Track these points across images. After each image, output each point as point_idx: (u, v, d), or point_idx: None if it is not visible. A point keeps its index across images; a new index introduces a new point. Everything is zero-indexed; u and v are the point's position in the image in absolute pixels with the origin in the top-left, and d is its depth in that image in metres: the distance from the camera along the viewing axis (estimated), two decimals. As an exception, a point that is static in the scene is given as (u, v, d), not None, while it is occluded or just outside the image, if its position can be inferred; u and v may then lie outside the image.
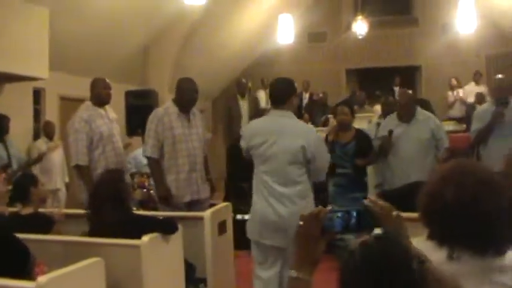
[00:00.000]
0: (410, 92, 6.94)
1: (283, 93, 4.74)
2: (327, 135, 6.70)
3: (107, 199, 4.43)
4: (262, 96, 13.88)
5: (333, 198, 6.51)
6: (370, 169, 7.01)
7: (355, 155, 6.45)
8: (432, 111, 7.48)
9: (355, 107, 12.16)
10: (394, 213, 1.91)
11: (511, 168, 3.81)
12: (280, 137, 4.60)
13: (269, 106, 5.16)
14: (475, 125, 6.71)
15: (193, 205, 5.95)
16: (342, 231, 1.94)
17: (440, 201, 2.16)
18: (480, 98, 12.46)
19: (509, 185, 2.27)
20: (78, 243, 4.33)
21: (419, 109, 6.59)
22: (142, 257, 4.17)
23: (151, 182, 6.77)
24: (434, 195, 2.19)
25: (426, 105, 8.74)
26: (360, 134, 6.67)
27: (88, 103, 6.21)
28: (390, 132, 6.33)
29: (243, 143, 4.85)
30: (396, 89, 14.52)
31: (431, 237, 2.18)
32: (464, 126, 11.37)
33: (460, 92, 13.92)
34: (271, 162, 4.63)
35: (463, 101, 13.77)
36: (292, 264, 2.04)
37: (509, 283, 2.11)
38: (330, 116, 12.14)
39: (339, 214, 1.94)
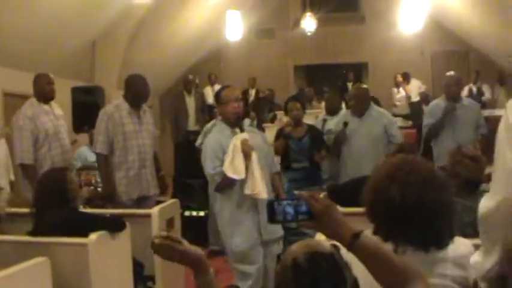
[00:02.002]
0: (365, 86, 7.03)
1: None
2: (279, 131, 6.75)
3: (51, 198, 4.37)
4: (209, 93, 13.88)
5: (289, 193, 6.55)
6: (324, 163, 7.09)
7: (310, 149, 6.49)
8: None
9: (304, 103, 12.31)
10: (325, 203, 1.89)
11: (456, 163, 3.90)
12: None
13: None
14: (427, 120, 6.89)
15: (142, 202, 5.92)
16: (294, 219, 1.91)
17: (384, 198, 2.20)
18: (424, 96, 12.73)
19: (452, 180, 2.33)
20: (23, 242, 4.25)
21: (373, 105, 6.68)
22: (90, 256, 4.12)
23: (99, 179, 6.70)
24: (379, 192, 2.23)
25: (375, 103, 8.88)
26: (313, 129, 6.75)
27: (32, 100, 6.11)
28: (345, 124, 6.41)
29: None
30: (350, 84, 14.69)
31: (376, 232, 2.22)
32: (410, 122, 11.58)
33: (402, 91, 14.14)
34: None
35: (407, 98, 14.00)
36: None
37: (450, 273, 2.20)
38: (278, 112, 12.22)
39: (289, 201, 1.92)
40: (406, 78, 14.31)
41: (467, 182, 3.76)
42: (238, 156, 4.63)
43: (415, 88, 14.11)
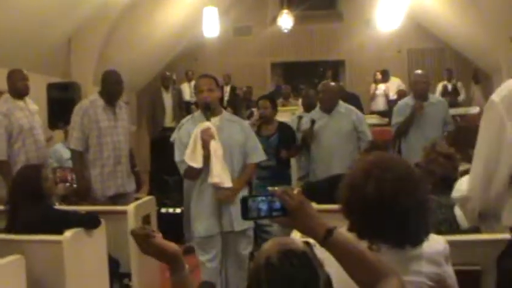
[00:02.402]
0: (332, 83, 7.07)
1: None
2: None
3: (26, 195, 4.35)
4: (187, 89, 13.85)
5: (256, 191, 6.55)
6: (293, 161, 7.10)
7: (278, 147, 6.50)
8: (360, 106, 7.64)
9: (280, 100, 12.33)
10: (298, 199, 1.90)
11: (430, 161, 3.93)
12: None
13: (193, 99, 5.21)
14: (396, 119, 6.99)
15: (117, 199, 5.89)
16: (268, 215, 1.90)
17: (360, 195, 2.21)
18: (402, 93, 12.76)
19: (426, 177, 2.36)
20: (-3, 239, 4.22)
21: (341, 102, 6.71)
22: (65, 253, 4.11)
23: (74, 176, 6.67)
24: (355, 189, 2.24)
25: (356, 100, 8.93)
26: (283, 127, 6.74)
27: (7, 96, 6.07)
28: (312, 122, 6.43)
29: None
30: (328, 82, 14.70)
31: (351, 229, 2.23)
32: (387, 120, 11.63)
33: (383, 86, 14.19)
34: None
35: (385, 95, 14.06)
36: None
37: (425, 270, 2.22)
38: (254, 109, 12.22)
39: (263, 198, 1.90)
40: (385, 76, 14.36)
41: (441, 179, 3.79)
42: (198, 145, 4.62)
43: (394, 86, 14.17)
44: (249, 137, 4.97)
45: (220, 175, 4.62)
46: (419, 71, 7.32)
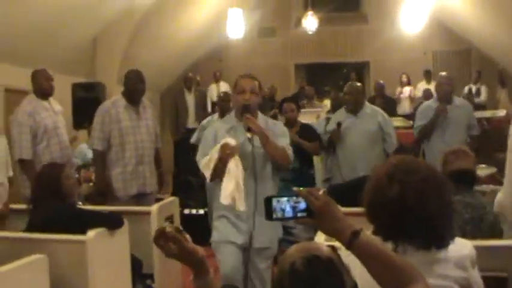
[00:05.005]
0: (358, 84, 7.03)
1: None
2: None
3: (47, 194, 4.36)
4: (214, 90, 13.89)
5: (280, 193, 6.50)
6: (317, 164, 7.05)
7: (300, 148, 6.44)
8: (394, 110, 7.55)
9: (304, 102, 12.30)
10: (324, 200, 1.86)
11: (443, 164, 3.88)
12: None
13: None
14: (418, 122, 6.89)
15: (140, 199, 5.90)
16: (292, 216, 1.87)
17: (384, 199, 2.19)
18: (428, 94, 12.62)
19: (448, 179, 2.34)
20: (21, 239, 4.23)
21: (367, 103, 6.67)
22: (88, 253, 4.11)
23: (97, 176, 6.70)
24: (379, 193, 2.22)
25: (390, 104, 8.89)
26: (305, 127, 6.72)
27: (32, 96, 6.11)
28: (339, 124, 6.38)
29: None
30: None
31: (376, 233, 2.20)
32: (411, 122, 11.54)
33: (408, 89, 14.09)
34: None
35: (411, 98, 13.94)
36: None
37: (452, 274, 2.18)
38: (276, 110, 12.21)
39: (287, 198, 1.88)
40: (428, 76, 14.19)
41: (458, 174, 3.69)
42: (214, 158, 4.21)
43: (421, 88, 14.02)
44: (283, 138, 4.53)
45: (233, 196, 4.16)
46: (444, 73, 7.21)
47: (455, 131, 6.58)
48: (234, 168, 4.19)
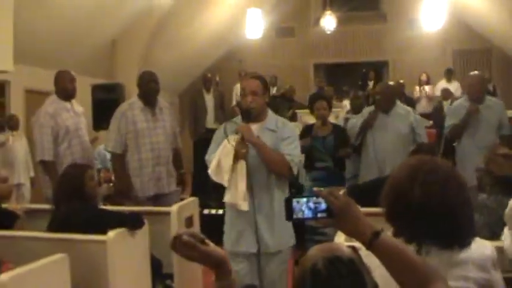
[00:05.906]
0: (391, 83, 6.95)
1: None
2: (305, 129, 6.75)
3: (70, 194, 4.39)
4: (239, 89, 13.86)
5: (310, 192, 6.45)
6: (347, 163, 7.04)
7: (335, 148, 6.44)
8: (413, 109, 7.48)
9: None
10: (344, 200, 1.85)
11: (489, 161, 3.89)
12: None
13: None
14: (450, 121, 6.72)
15: (159, 199, 5.91)
16: (313, 216, 1.86)
17: (406, 200, 2.18)
18: (446, 93, 12.54)
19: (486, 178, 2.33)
20: (43, 239, 4.27)
21: (399, 103, 6.60)
22: (108, 253, 4.13)
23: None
24: (400, 195, 2.21)
25: (409, 103, 8.84)
26: (337, 128, 6.73)
27: (53, 97, 6.13)
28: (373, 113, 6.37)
29: None
30: (371, 83, 14.60)
31: (397, 234, 2.19)
32: (431, 122, 11.47)
33: (427, 88, 14.00)
34: None
35: (430, 97, 13.85)
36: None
37: (473, 275, 2.17)
38: (298, 111, 12.19)
39: (307, 198, 1.87)
40: (448, 75, 14.02)
41: (500, 179, 3.71)
42: (225, 159, 4.08)
43: (442, 87, 13.91)
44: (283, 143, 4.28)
45: (241, 196, 4.09)
46: (475, 72, 6.92)
47: (486, 132, 6.41)
48: (241, 168, 4.10)
